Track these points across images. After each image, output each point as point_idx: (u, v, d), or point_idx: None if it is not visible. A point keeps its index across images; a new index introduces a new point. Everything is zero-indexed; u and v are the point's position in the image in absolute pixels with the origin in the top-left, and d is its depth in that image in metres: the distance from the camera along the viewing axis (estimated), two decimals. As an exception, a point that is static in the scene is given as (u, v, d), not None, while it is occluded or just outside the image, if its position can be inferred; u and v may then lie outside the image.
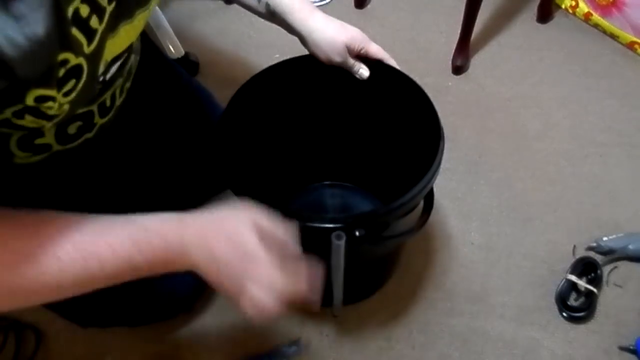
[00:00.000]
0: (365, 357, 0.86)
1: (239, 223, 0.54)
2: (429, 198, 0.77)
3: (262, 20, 0.74)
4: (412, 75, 0.77)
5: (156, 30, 1.23)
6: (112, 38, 0.53)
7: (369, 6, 1.43)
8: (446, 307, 0.91)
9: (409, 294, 0.92)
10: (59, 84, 0.47)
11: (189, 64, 1.26)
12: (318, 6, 1.36)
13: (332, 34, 0.73)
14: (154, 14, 1.23)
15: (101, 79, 0.56)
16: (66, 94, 0.49)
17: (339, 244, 0.61)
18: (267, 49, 1.29)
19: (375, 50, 0.77)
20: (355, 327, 0.89)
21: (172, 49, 1.23)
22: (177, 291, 0.84)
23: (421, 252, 0.97)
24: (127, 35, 0.57)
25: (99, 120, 0.66)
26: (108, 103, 0.66)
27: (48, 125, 0.51)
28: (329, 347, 0.87)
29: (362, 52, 0.75)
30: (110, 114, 0.68)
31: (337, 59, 0.74)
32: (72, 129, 0.63)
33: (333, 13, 0.73)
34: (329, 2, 1.43)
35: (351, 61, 0.76)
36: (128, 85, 0.71)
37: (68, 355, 0.86)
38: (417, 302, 0.91)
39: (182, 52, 1.25)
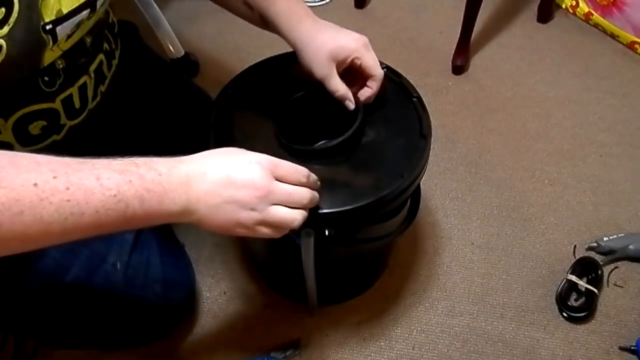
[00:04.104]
0: (366, 357, 0.86)
1: (240, 158, 0.54)
2: (414, 203, 0.76)
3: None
4: (412, 75, 0.77)
5: (156, 30, 1.23)
6: None
7: (369, 6, 1.43)
8: (446, 307, 0.91)
9: (409, 294, 0.92)
10: None
11: (189, 64, 1.26)
12: (318, 6, 1.37)
13: (318, 43, 0.66)
14: (154, 14, 1.23)
15: (48, 27, 0.53)
16: None
17: (308, 241, 0.61)
18: (267, 49, 1.28)
19: (370, 64, 0.67)
20: (355, 327, 0.89)
21: (172, 49, 1.23)
22: (151, 318, 0.81)
23: (421, 252, 0.97)
24: None
25: (67, 122, 0.64)
26: (77, 104, 0.64)
27: None
28: (329, 347, 0.86)
29: (354, 62, 0.67)
30: (82, 117, 0.66)
31: (318, 72, 0.67)
32: (35, 129, 0.61)
33: (333, 13, 0.73)
34: (329, 2, 1.43)
35: (334, 82, 0.67)
36: (103, 88, 0.69)
37: (68, 355, 0.86)
38: (417, 302, 0.91)
39: (182, 52, 1.24)
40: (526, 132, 1.16)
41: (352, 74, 0.70)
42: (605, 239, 0.95)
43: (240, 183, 0.52)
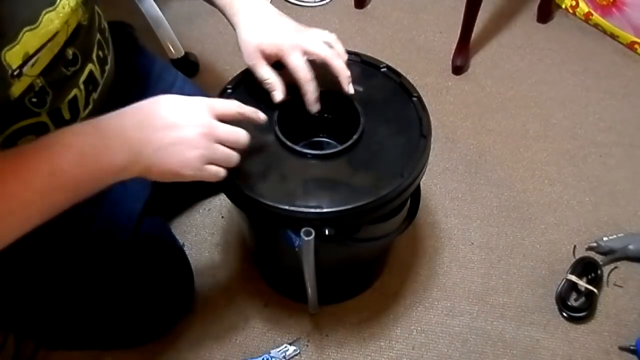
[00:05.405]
0: (365, 357, 0.86)
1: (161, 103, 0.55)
2: (414, 203, 0.76)
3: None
4: (412, 75, 0.77)
5: (156, 30, 1.23)
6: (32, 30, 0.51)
7: (369, 6, 1.43)
8: (446, 307, 0.91)
9: (409, 293, 0.92)
10: None
11: (189, 64, 1.26)
12: (318, 6, 1.37)
13: (250, 32, 0.65)
14: (154, 14, 1.23)
15: (16, 72, 0.52)
16: None
17: (308, 241, 0.61)
18: (267, 49, 1.29)
19: (293, 65, 0.65)
20: (356, 327, 0.89)
21: (172, 49, 1.23)
22: (151, 318, 0.82)
23: (421, 252, 0.97)
24: (51, 23, 0.53)
25: None
26: (67, 116, 0.63)
27: None
28: (329, 347, 0.86)
29: (282, 60, 0.66)
30: None
31: (245, 59, 0.66)
32: (23, 143, 0.59)
33: (333, 13, 0.73)
34: (329, 2, 1.43)
35: (261, 71, 0.66)
36: (95, 96, 0.67)
37: (68, 356, 0.86)
38: (417, 302, 0.91)
39: (182, 52, 1.24)
40: (526, 132, 1.16)
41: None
42: (605, 239, 0.95)
43: (183, 123, 0.54)
